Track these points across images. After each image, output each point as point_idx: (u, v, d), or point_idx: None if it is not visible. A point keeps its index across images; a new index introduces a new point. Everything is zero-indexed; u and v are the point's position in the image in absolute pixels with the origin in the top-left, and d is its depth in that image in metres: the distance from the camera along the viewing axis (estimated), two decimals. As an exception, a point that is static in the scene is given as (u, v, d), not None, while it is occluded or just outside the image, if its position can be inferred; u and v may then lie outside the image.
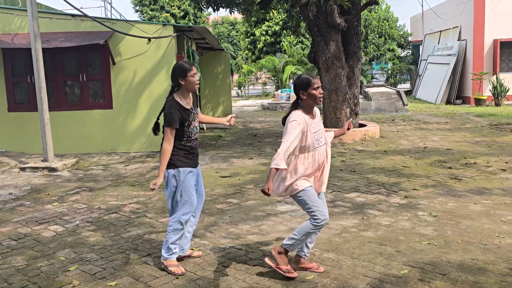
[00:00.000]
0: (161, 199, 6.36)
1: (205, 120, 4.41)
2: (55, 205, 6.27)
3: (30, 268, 4.21)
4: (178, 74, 3.97)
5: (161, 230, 5.10)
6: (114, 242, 4.79)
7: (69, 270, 4.14)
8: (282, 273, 3.80)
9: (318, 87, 3.73)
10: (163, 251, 4.11)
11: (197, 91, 4.45)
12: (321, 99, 3.78)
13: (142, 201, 6.31)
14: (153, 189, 3.85)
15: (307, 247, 3.96)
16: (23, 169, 8.46)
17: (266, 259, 3.92)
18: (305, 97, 3.75)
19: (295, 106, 3.83)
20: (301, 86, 3.75)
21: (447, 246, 4.44)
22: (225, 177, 7.60)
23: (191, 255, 4.32)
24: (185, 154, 4.02)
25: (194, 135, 4.08)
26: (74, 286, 3.83)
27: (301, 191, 3.73)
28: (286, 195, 3.83)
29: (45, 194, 6.87)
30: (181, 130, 3.98)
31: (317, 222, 3.69)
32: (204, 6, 12.26)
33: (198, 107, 4.26)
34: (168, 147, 3.92)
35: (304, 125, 3.69)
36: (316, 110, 3.90)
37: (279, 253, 3.87)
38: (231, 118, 4.52)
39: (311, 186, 3.78)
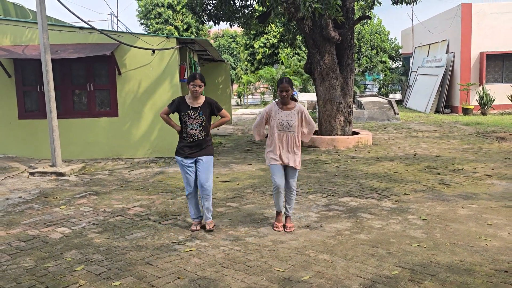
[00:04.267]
0: (163, 203, 6.35)
1: (215, 125, 5.19)
2: (63, 208, 6.25)
3: (38, 268, 4.19)
4: (187, 80, 5.00)
5: (164, 232, 5.09)
6: (119, 244, 4.77)
7: (75, 270, 4.12)
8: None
9: (281, 90, 4.92)
10: None
11: (215, 103, 5.17)
12: (284, 98, 4.92)
13: (145, 205, 6.29)
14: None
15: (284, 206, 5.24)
16: (32, 173, 8.45)
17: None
18: (278, 93, 4.98)
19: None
20: (277, 85, 5.07)
21: (436, 248, 4.44)
22: (225, 182, 7.59)
23: (204, 226, 5.14)
24: (182, 146, 5.04)
25: (190, 130, 4.97)
26: (80, 285, 3.82)
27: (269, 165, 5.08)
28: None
29: (53, 197, 6.86)
30: (181, 118, 5.02)
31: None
32: (206, 19, 12.31)
33: (206, 114, 5.02)
34: (162, 114, 5.14)
35: (268, 111, 5.04)
36: (298, 107, 4.99)
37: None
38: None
39: (275, 161, 5.00)
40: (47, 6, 55.70)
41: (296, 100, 5.13)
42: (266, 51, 30.22)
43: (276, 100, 5.13)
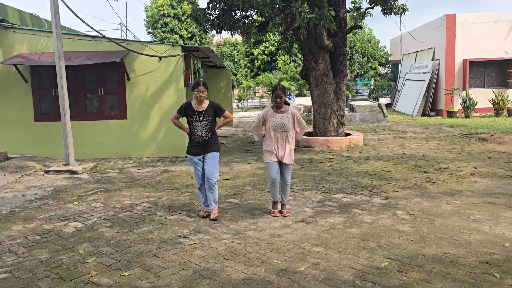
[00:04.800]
0: (169, 199, 6.35)
1: (220, 125, 5.39)
2: (76, 204, 6.24)
3: (52, 260, 4.19)
4: (192, 87, 5.25)
5: (170, 226, 5.08)
6: (128, 237, 4.77)
7: (87, 262, 4.11)
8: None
9: (276, 96, 5.22)
10: None
11: (218, 105, 5.40)
12: (277, 103, 5.23)
13: (152, 201, 6.29)
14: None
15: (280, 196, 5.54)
16: (47, 172, 8.44)
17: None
18: (272, 98, 4.94)
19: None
20: (272, 91, 5.45)
21: (423, 241, 4.44)
22: (227, 179, 7.58)
23: (209, 214, 5.35)
24: (191, 145, 5.32)
25: (197, 131, 5.24)
26: (92, 276, 3.81)
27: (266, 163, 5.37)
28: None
29: (66, 194, 6.85)
30: (189, 121, 5.28)
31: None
32: (209, 29, 12.30)
33: (210, 116, 5.27)
34: (173, 119, 5.42)
35: (264, 115, 5.36)
36: (291, 110, 5.28)
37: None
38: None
39: (271, 159, 5.29)
40: (61, 16, 55.59)
41: (288, 104, 5.42)
42: (264, 58, 30.21)
43: (272, 104, 5.47)
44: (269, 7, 9.21)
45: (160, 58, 9.89)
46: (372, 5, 11.06)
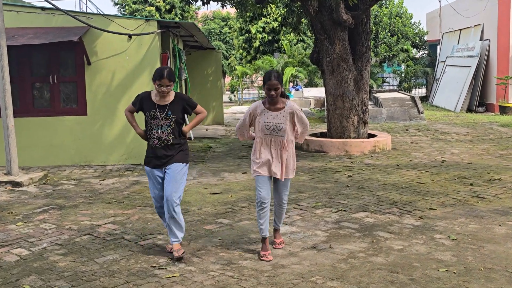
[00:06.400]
0: (141, 219, 6.35)
1: (191, 126, 5.16)
2: (20, 225, 6.22)
3: (-11, 298, 4.18)
4: (153, 77, 4.95)
5: (141, 254, 5.08)
6: (87, 268, 4.75)
7: (34, 300, 4.10)
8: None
9: (269, 88, 4.84)
10: None
11: (188, 99, 5.19)
12: (272, 97, 4.86)
13: (119, 221, 6.28)
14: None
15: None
16: (-17, 183, 8.42)
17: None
18: (264, 91, 4.91)
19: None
20: (263, 81, 4.99)
21: (468, 274, 4.44)
22: (215, 193, 7.58)
23: (171, 251, 5.01)
24: (149, 152, 5.09)
25: (156, 133, 4.96)
26: (40, 318, 3.80)
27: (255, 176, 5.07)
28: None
29: (7, 212, 6.83)
30: (146, 119, 5.03)
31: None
32: (193, -2, 12.35)
33: (176, 114, 4.97)
34: (126, 112, 5.30)
35: (252, 112, 5.03)
36: (289, 106, 4.94)
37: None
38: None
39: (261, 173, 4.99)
40: (2, -18, 55.39)
41: (287, 98, 5.08)
42: (265, 37, 30.32)
43: (263, 98, 5.11)
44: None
45: (130, 36, 9.90)
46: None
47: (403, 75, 26.62)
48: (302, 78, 25.94)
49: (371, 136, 11.87)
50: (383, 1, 27.47)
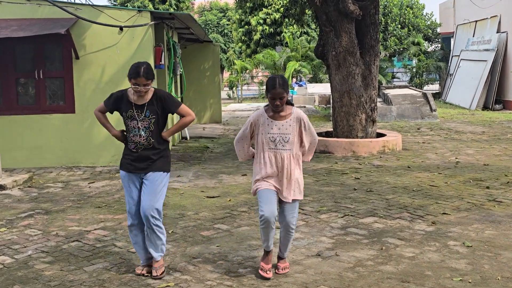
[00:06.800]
0: (133, 224, 6.34)
1: (174, 130, 4.99)
2: (3, 231, 6.22)
3: (-30, 309, 4.18)
4: (128, 75, 4.83)
5: (134, 262, 5.07)
6: (75, 277, 4.75)
7: (18, 312, 4.10)
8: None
9: (273, 97, 4.50)
10: None
11: (169, 97, 4.98)
12: (277, 108, 4.56)
13: (110, 227, 6.28)
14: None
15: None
16: (-37, 186, 8.42)
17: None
18: (268, 99, 4.58)
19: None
20: (266, 88, 4.64)
21: (484, 283, 4.44)
22: (213, 197, 7.58)
23: (150, 270, 4.74)
24: (125, 155, 4.85)
25: (133, 136, 4.74)
26: (25, 331, 3.80)
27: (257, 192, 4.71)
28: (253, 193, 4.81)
29: (-10, 217, 6.84)
30: (123, 120, 4.86)
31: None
32: (189, -12, 12.36)
33: (155, 114, 4.76)
34: (96, 112, 5.14)
35: (254, 122, 4.69)
36: (296, 113, 4.62)
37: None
38: None
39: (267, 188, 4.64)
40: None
41: (292, 105, 4.75)
42: (266, 29, 30.32)
43: (266, 105, 4.77)
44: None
45: (121, 28, 9.89)
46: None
47: (414, 70, 26.63)
48: (306, 74, 25.96)
49: (380, 135, 11.87)
50: (393, -9, 27.46)
